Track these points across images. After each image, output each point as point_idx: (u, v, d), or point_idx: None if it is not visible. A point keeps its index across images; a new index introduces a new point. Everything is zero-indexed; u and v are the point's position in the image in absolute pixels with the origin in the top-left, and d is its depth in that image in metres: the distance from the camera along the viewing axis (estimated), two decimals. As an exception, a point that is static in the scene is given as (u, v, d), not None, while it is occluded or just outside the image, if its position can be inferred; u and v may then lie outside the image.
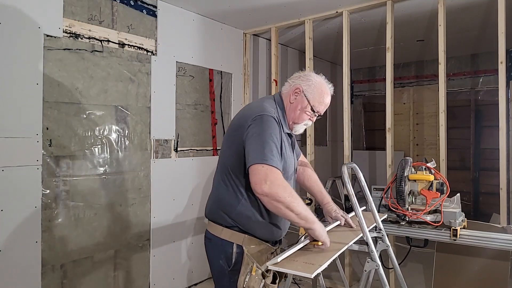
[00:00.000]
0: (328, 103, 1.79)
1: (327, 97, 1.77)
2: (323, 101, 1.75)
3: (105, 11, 2.86)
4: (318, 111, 1.75)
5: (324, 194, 2.05)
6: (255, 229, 1.64)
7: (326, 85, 1.79)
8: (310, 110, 1.74)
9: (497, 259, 2.73)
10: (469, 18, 3.75)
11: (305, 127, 1.80)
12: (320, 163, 5.17)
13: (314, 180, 2.09)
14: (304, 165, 2.14)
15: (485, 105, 5.46)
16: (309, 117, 1.76)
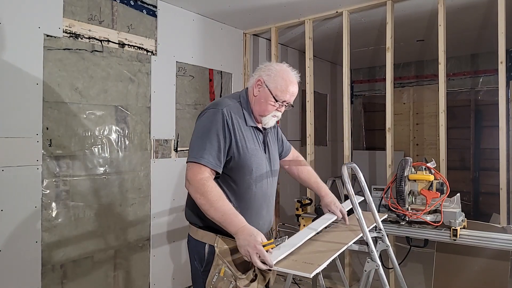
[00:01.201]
0: (294, 91, 1.68)
1: (290, 85, 1.65)
2: (286, 90, 1.64)
3: (105, 11, 2.86)
4: (283, 100, 1.65)
5: (321, 185, 2.02)
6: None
7: (289, 72, 1.68)
8: (273, 101, 1.65)
9: (497, 259, 2.73)
10: (469, 18, 3.75)
11: (274, 119, 1.71)
12: (320, 163, 5.17)
13: (307, 171, 2.07)
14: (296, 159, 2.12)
15: (485, 105, 5.46)
16: (276, 108, 1.67)
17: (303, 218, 3.14)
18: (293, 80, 1.67)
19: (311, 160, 3.70)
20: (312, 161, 3.70)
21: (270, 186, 1.74)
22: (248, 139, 1.64)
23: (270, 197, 1.75)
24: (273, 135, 1.84)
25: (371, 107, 6.47)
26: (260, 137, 1.72)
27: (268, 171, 1.71)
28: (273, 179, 1.77)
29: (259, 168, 1.65)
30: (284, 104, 1.68)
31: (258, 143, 1.69)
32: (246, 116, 1.66)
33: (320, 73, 5.40)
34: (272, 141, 1.80)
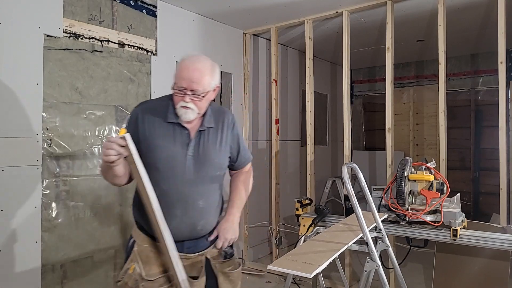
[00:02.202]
0: (190, 76, 1.54)
1: (185, 70, 1.55)
2: (181, 75, 1.55)
3: (105, 11, 2.86)
4: (180, 87, 1.55)
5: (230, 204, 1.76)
6: (147, 226, 1.59)
7: (190, 58, 1.61)
8: (174, 89, 1.57)
9: (497, 259, 2.73)
10: (469, 18, 3.75)
11: (188, 110, 1.56)
12: (320, 163, 5.17)
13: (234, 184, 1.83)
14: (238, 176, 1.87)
15: (485, 105, 5.46)
16: (181, 98, 1.56)
17: (303, 218, 3.14)
18: (189, 65, 1.57)
19: (311, 160, 3.70)
20: (312, 161, 3.70)
21: (190, 185, 1.60)
22: (159, 136, 1.58)
23: (190, 198, 1.60)
24: (219, 138, 1.69)
25: (371, 107, 6.47)
26: (184, 135, 1.61)
27: (189, 172, 1.59)
28: (198, 179, 1.61)
29: (169, 167, 1.57)
30: (186, 92, 1.54)
31: (176, 141, 1.60)
32: (169, 112, 1.60)
33: (320, 73, 5.40)
34: (211, 142, 1.66)
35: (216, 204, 1.71)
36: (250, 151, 4.20)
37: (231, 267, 1.70)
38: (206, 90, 1.58)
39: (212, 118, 1.68)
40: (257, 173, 4.36)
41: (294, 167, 4.93)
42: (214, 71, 1.64)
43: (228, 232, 1.68)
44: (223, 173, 1.75)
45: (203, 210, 1.63)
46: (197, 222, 1.62)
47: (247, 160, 1.87)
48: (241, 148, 1.81)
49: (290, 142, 4.84)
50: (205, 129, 1.65)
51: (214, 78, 1.63)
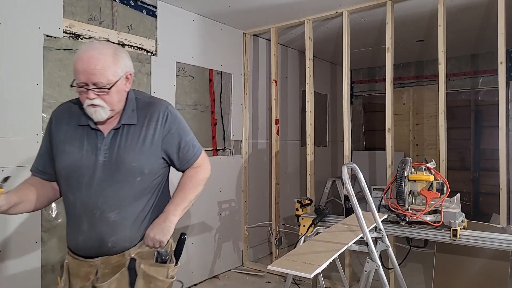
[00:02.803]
0: (84, 67, 1.32)
1: (79, 62, 1.33)
2: (77, 68, 1.34)
3: (105, 11, 2.87)
4: (79, 82, 1.34)
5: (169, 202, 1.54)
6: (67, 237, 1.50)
7: (84, 48, 1.36)
8: (75, 86, 1.37)
9: (497, 259, 2.73)
10: (469, 18, 3.75)
11: (97, 109, 1.36)
12: (320, 163, 5.17)
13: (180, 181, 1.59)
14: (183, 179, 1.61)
15: (485, 105, 5.46)
16: (85, 95, 1.35)
17: (303, 218, 3.14)
18: (83, 55, 1.34)
19: (311, 160, 3.70)
20: (312, 161, 3.70)
21: (98, 196, 1.39)
22: (67, 141, 1.42)
23: (94, 209, 1.39)
24: (142, 137, 1.45)
25: (371, 107, 6.47)
26: (95, 138, 1.42)
27: (98, 180, 1.39)
28: (110, 188, 1.40)
29: (75, 175, 1.40)
30: (88, 88, 1.33)
31: (84, 145, 1.41)
32: (83, 114, 1.41)
33: (320, 74, 5.40)
34: (130, 143, 1.42)
35: (136, 216, 1.44)
36: (250, 151, 4.25)
37: (160, 274, 1.50)
38: (112, 80, 1.36)
39: (134, 114, 1.45)
40: (257, 173, 4.38)
41: (294, 167, 4.93)
42: (117, 56, 1.39)
43: (154, 231, 1.44)
44: (151, 179, 1.47)
45: (115, 224, 1.41)
46: (107, 237, 1.40)
47: (193, 158, 1.58)
48: (182, 146, 1.53)
49: (290, 142, 4.85)
50: (121, 127, 1.43)
51: (120, 64, 1.39)
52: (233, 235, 4.04)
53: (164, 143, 1.49)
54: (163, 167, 1.52)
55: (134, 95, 1.53)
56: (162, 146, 1.49)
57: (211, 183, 3.73)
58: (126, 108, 1.45)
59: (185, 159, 1.55)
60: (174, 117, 1.52)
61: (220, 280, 3.73)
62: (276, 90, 4.00)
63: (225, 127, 3.96)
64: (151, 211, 1.50)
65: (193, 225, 3.59)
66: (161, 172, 1.52)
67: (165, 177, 1.58)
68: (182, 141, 1.53)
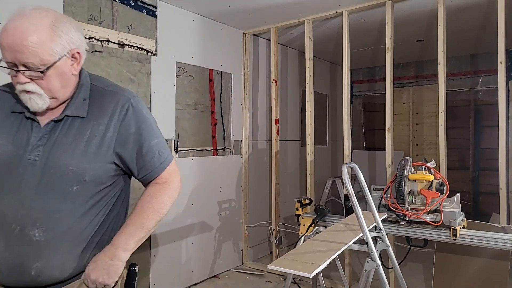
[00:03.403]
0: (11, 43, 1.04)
1: (2, 34, 1.06)
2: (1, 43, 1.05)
3: (105, 11, 2.87)
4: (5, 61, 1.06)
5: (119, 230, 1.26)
6: None
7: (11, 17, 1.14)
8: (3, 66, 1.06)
9: (497, 259, 2.73)
10: (469, 18, 3.75)
11: (29, 95, 1.07)
12: (320, 163, 5.18)
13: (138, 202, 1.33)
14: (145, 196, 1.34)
15: (485, 105, 5.47)
16: (15, 78, 1.07)
17: (303, 218, 3.15)
18: (7, 26, 1.08)
19: (311, 160, 3.70)
20: (312, 161, 3.70)
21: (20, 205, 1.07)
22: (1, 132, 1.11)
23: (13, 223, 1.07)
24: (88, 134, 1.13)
25: (371, 107, 6.48)
26: (26, 130, 1.11)
27: (26, 182, 1.07)
28: (37, 196, 1.07)
29: (3, 175, 1.08)
30: (14, 69, 1.04)
31: (15, 137, 1.10)
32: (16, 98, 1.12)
33: (320, 73, 5.41)
34: (72, 140, 1.12)
35: (73, 238, 1.12)
36: (250, 151, 4.26)
37: None
38: (49, 61, 1.04)
39: (86, 104, 1.14)
40: (257, 172, 4.38)
41: (294, 167, 4.93)
42: (56, 27, 1.06)
43: (96, 272, 1.12)
44: (95, 189, 1.16)
45: (40, 246, 1.07)
46: (29, 263, 1.07)
47: (157, 168, 1.26)
48: (145, 151, 1.21)
49: (290, 142, 4.85)
50: (64, 119, 1.12)
51: (61, 39, 1.07)
52: (233, 235, 4.04)
53: (118, 145, 1.16)
54: (114, 175, 1.20)
55: (90, 81, 1.21)
56: (115, 148, 1.16)
57: (211, 183, 3.76)
58: (75, 96, 1.14)
59: (146, 169, 1.24)
60: (138, 112, 1.20)
61: (220, 280, 3.73)
62: (276, 90, 4.01)
63: (225, 127, 3.96)
64: (99, 233, 1.17)
65: (193, 225, 3.59)
66: (111, 182, 1.20)
67: (122, 189, 1.29)
68: (144, 145, 1.20)
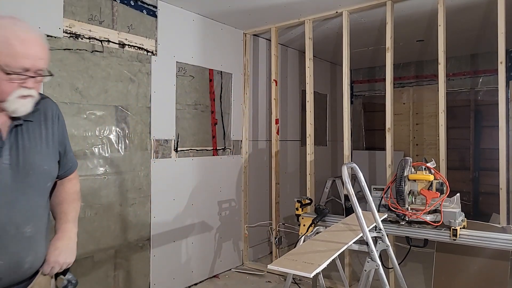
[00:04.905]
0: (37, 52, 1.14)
1: (26, 44, 1.11)
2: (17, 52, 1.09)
3: (105, 11, 2.87)
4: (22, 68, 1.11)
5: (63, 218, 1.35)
6: None
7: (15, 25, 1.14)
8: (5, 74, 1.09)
9: (497, 259, 2.73)
10: (469, 18, 3.75)
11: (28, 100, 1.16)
12: (320, 163, 5.18)
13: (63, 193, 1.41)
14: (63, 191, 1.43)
15: (485, 105, 5.47)
16: (18, 84, 1.12)
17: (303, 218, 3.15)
18: (25, 36, 1.12)
19: (311, 160, 3.70)
20: (312, 161, 3.71)
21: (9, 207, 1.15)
22: None
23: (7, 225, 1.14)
24: (44, 135, 1.27)
25: (371, 107, 6.48)
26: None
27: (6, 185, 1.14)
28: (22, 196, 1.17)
29: None
30: (29, 75, 1.13)
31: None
32: None
33: (320, 73, 5.41)
34: (34, 142, 1.23)
35: (46, 228, 1.27)
36: (250, 151, 4.26)
37: None
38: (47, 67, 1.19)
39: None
40: (257, 173, 4.38)
41: (294, 167, 4.93)
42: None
43: (61, 254, 1.26)
44: (52, 184, 1.32)
45: (31, 240, 1.19)
46: (24, 258, 1.17)
47: (73, 165, 1.44)
48: (68, 150, 1.38)
49: (290, 142, 4.85)
50: (22, 124, 1.19)
51: None
52: (233, 235, 4.04)
53: (59, 144, 1.34)
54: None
55: None
56: (58, 147, 1.33)
57: (211, 183, 3.76)
58: None
59: (68, 165, 1.40)
60: (62, 117, 1.40)
61: (220, 280, 3.73)
62: (276, 90, 4.01)
63: (225, 127, 3.96)
64: (48, 222, 1.31)
65: (193, 225, 3.59)
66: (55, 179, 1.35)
67: None
68: (67, 144, 1.39)
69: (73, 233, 1.33)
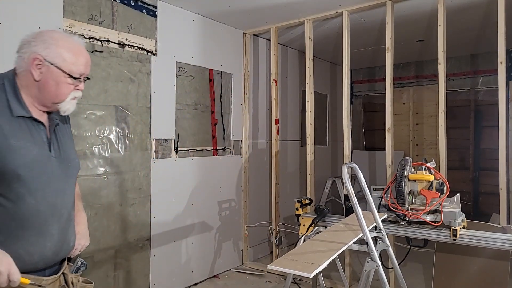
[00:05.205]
0: (87, 60, 1.36)
1: (80, 54, 1.32)
2: (79, 61, 1.32)
3: (105, 11, 2.87)
4: (80, 74, 1.34)
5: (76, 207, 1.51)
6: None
7: (70, 38, 1.33)
8: (70, 78, 1.31)
9: (497, 259, 2.73)
10: (469, 18, 3.75)
11: (75, 101, 1.38)
12: (320, 163, 5.18)
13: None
14: None
15: (485, 105, 5.47)
16: (74, 87, 1.34)
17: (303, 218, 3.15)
18: (79, 46, 1.34)
19: (311, 160, 3.70)
20: (312, 161, 3.71)
21: (62, 194, 1.33)
22: (12, 135, 1.22)
23: (62, 208, 1.33)
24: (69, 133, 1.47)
25: (371, 107, 6.48)
26: (41, 132, 1.31)
27: (57, 175, 1.31)
28: (67, 185, 1.36)
29: (35, 172, 1.24)
30: (82, 79, 1.37)
31: (34, 138, 1.28)
32: (12, 104, 1.26)
33: (320, 73, 5.41)
34: (66, 139, 1.42)
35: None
36: (250, 151, 4.27)
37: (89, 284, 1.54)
38: None
39: None
40: (257, 173, 4.38)
41: (294, 167, 4.93)
42: None
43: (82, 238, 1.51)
44: None
45: (72, 222, 1.42)
46: (70, 237, 1.40)
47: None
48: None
49: (290, 142, 4.85)
50: (59, 123, 1.41)
51: None
52: (233, 235, 4.04)
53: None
54: None
55: None
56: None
57: (211, 183, 3.76)
58: None
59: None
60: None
61: (220, 280, 3.73)
62: (276, 90, 4.01)
63: (225, 127, 3.96)
64: None
65: (194, 225, 3.59)
66: None
67: None
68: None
69: (86, 220, 1.57)
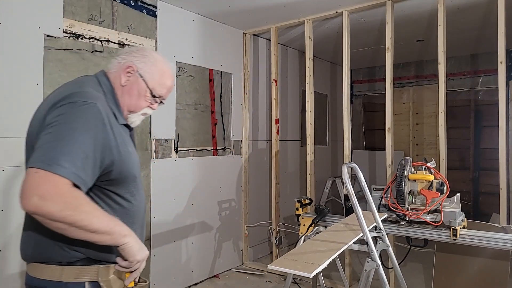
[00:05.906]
0: (171, 87, 1.42)
1: (170, 79, 1.40)
2: (165, 83, 1.38)
3: (105, 11, 2.87)
4: (160, 95, 1.39)
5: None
6: (111, 251, 1.20)
7: (167, 62, 1.40)
8: (149, 95, 1.36)
9: (497, 259, 2.73)
10: (469, 18, 3.75)
11: (142, 118, 1.43)
12: (320, 163, 5.18)
13: None
14: None
15: (485, 105, 5.47)
16: (149, 104, 1.39)
17: (303, 218, 3.15)
18: (171, 73, 1.41)
19: (311, 160, 3.70)
20: (312, 161, 3.70)
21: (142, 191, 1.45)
22: (124, 140, 1.28)
23: (144, 211, 1.43)
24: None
25: (371, 107, 6.48)
26: (129, 138, 1.39)
27: (139, 174, 1.41)
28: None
29: (135, 177, 1.32)
30: (159, 101, 1.41)
31: (131, 144, 1.37)
32: (115, 110, 1.29)
33: (320, 73, 5.41)
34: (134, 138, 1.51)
35: None
36: (250, 151, 4.27)
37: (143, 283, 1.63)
38: None
39: None
40: (257, 173, 4.38)
41: (294, 167, 4.93)
42: None
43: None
44: None
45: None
46: (144, 237, 1.41)
47: None
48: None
49: (290, 142, 4.85)
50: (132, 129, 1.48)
51: None
52: (233, 235, 4.04)
53: None
54: None
55: None
56: None
57: (211, 183, 3.76)
58: None
59: None
60: None
61: (220, 280, 3.73)
62: (276, 90, 4.01)
63: (225, 127, 3.96)
64: None
65: (194, 225, 3.59)
66: None
67: None
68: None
69: None
